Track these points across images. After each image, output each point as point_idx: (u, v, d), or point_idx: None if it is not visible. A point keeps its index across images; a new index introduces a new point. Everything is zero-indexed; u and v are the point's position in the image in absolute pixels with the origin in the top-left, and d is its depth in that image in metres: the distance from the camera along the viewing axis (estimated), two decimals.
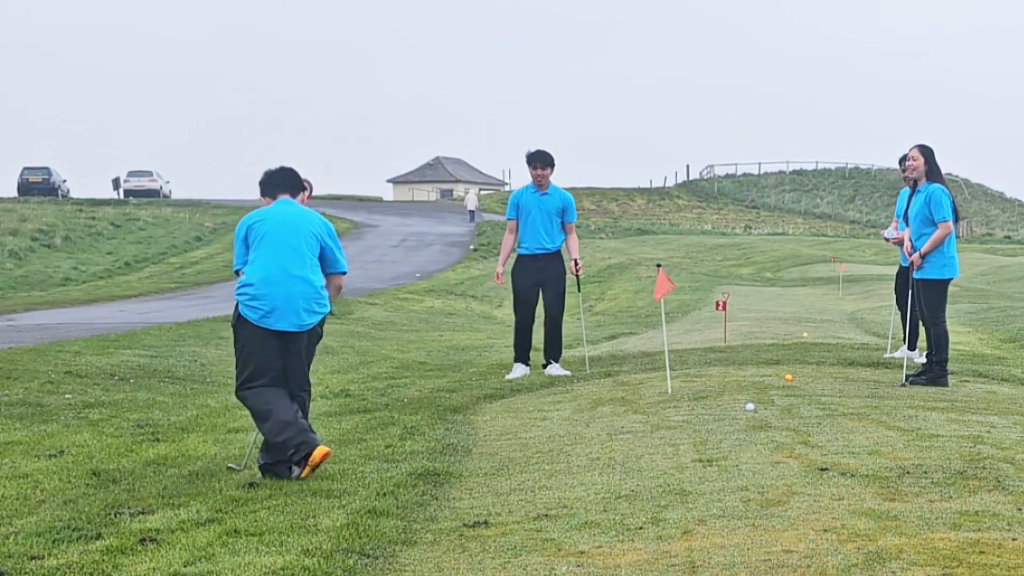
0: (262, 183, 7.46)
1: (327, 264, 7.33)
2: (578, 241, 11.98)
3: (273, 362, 7.05)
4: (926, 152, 9.89)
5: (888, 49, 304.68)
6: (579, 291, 12.87)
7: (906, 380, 9.82)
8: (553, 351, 11.70)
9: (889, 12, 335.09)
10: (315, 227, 7.27)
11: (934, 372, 9.80)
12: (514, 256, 11.97)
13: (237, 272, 7.28)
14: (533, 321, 11.67)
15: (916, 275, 9.92)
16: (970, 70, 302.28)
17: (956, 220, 9.87)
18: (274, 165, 7.56)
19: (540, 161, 11.39)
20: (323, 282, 7.28)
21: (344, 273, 7.45)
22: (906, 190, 11.27)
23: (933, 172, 9.87)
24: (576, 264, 11.55)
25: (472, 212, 64.35)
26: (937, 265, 9.79)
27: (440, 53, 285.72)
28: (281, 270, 7.06)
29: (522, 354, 11.74)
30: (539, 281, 11.50)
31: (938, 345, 9.82)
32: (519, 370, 11.68)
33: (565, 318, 12.19)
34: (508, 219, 11.75)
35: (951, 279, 9.92)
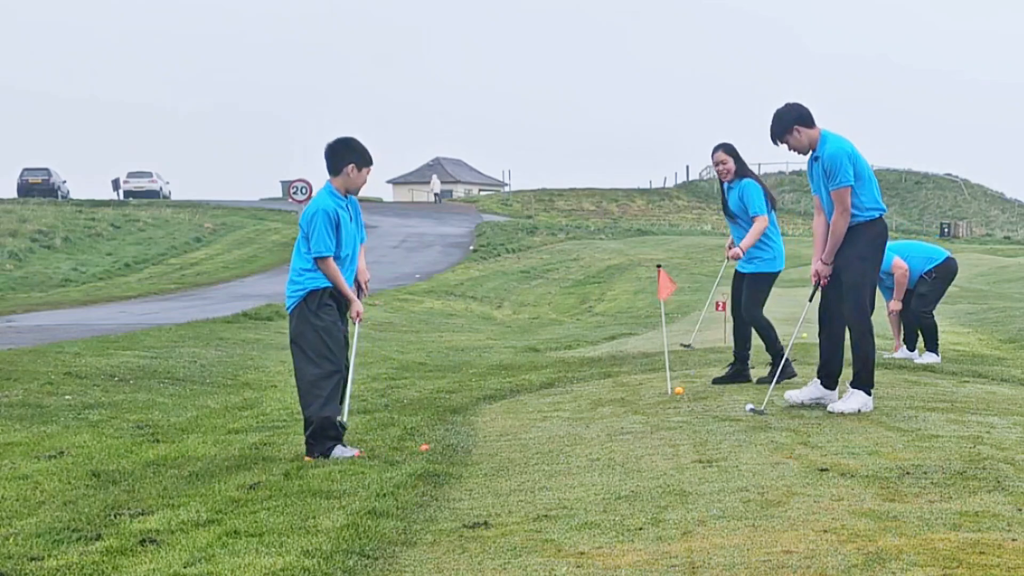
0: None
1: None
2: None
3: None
4: (731, 151, 9.81)
5: (887, 50, 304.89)
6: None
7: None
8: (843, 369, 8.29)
9: (888, 15, 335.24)
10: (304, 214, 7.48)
11: (733, 368, 9.91)
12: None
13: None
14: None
15: (742, 268, 9.84)
16: (969, 71, 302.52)
17: (772, 209, 9.85)
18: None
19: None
20: (303, 264, 7.42)
21: (318, 255, 7.36)
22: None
23: (742, 168, 9.82)
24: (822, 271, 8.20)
25: (437, 195, 74.43)
26: (767, 259, 9.72)
27: (440, 54, 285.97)
28: None
29: (833, 374, 8.35)
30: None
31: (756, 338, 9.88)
32: (861, 400, 8.05)
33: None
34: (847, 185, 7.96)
35: (778, 272, 9.91)
